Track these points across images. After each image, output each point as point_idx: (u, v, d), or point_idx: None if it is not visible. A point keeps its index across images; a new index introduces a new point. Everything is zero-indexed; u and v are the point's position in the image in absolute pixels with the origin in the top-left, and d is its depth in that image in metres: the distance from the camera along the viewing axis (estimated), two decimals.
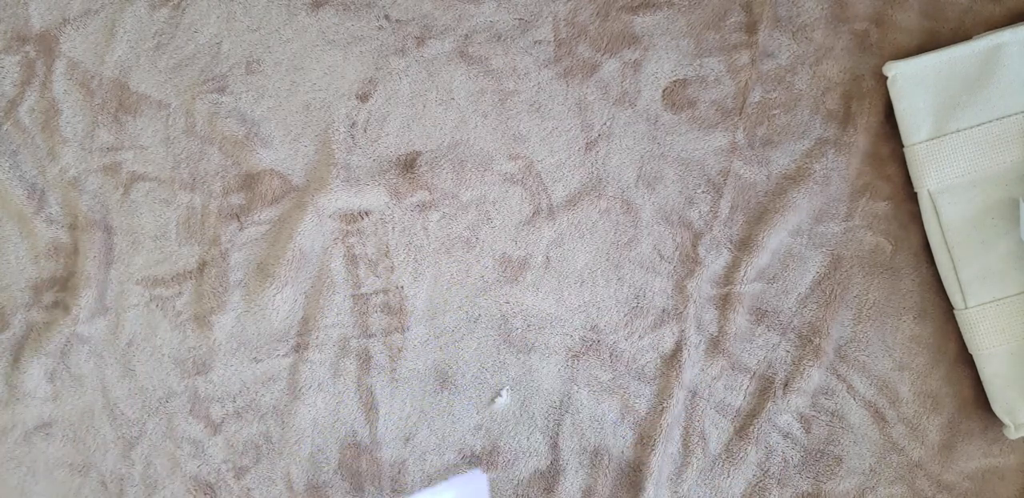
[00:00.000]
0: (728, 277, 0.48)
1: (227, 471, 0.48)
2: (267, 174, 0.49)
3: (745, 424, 0.48)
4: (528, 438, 0.47)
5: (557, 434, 0.47)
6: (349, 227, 0.49)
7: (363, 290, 0.49)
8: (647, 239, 0.48)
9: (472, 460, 0.46)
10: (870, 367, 0.48)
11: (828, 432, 0.48)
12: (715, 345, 0.48)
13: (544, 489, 0.47)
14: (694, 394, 0.48)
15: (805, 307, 0.48)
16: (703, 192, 0.48)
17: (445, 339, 0.48)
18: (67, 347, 0.49)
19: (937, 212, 0.46)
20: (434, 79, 0.49)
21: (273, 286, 0.49)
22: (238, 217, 0.49)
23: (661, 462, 0.48)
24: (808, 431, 0.48)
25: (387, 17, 0.49)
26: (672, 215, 0.48)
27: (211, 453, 0.49)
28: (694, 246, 0.48)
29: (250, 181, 0.49)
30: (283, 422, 0.49)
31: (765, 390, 0.48)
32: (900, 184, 0.48)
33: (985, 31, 0.46)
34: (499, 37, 0.49)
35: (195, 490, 0.49)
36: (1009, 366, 0.45)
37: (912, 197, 0.47)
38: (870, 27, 0.48)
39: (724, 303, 0.48)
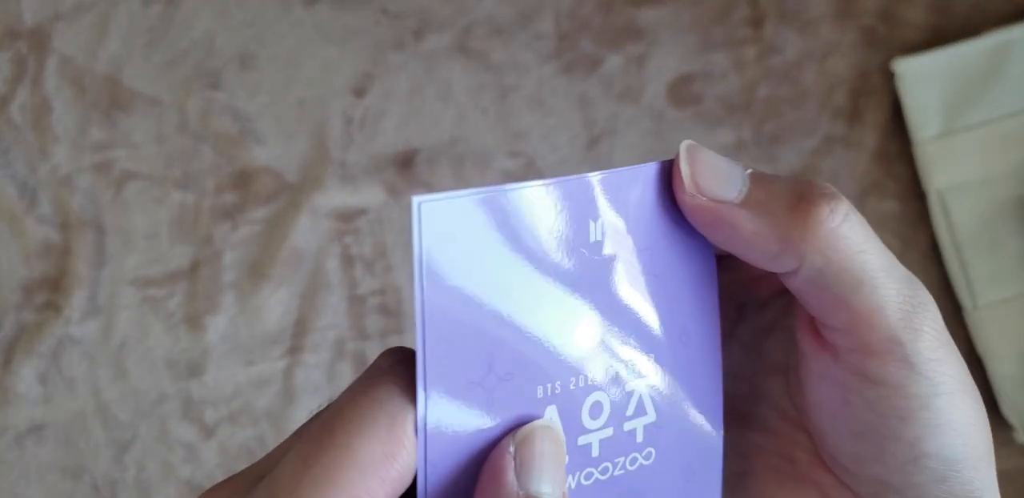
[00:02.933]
0: None
1: (221, 475, 0.49)
2: (261, 172, 0.50)
3: None
4: None
5: None
6: (345, 226, 0.50)
7: (359, 291, 0.50)
8: None
9: None
10: None
11: None
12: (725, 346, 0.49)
13: None
14: None
15: None
16: None
17: None
18: (59, 349, 0.50)
19: (946, 211, 0.47)
20: (432, 74, 0.50)
21: (267, 287, 0.49)
22: (231, 216, 0.50)
23: None
24: None
25: (384, 11, 0.50)
26: None
27: (205, 457, 0.50)
28: None
29: (244, 179, 0.50)
30: (278, 426, 0.49)
31: None
32: (908, 182, 0.49)
33: (994, 27, 0.47)
34: (499, 31, 0.50)
35: (188, 495, 0.49)
36: (1018, 368, 0.47)
37: (921, 196, 0.49)
38: (877, 23, 0.49)
39: None
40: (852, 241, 0.18)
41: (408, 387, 0.17)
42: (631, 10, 0.50)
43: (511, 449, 0.17)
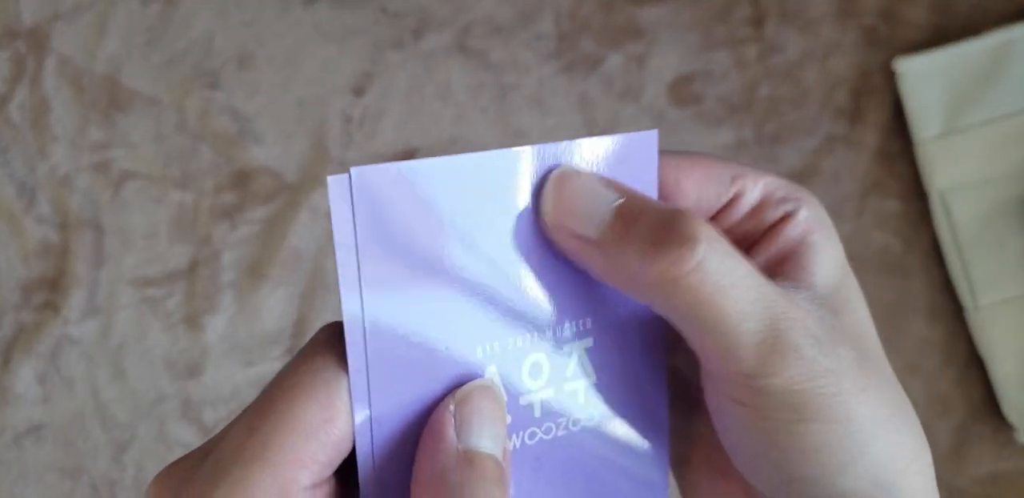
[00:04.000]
0: None
1: None
2: (260, 172, 0.50)
3: None
4: None
5: None
6: None
7: None
8: None
9: None
10: None
11: None
12: None
13: None
14: None
15: None
16: None
17: None
18: (57, 349, 0.50)
19: (948, 211, 0.47)
20: (432, 73, 0.50)
21: (266, 287, 0.50)
22: (230, 216, 0.50)
23: None
24: None
25: (384, 10, 0.50)
26: None
27: None
28: None
29: (242, 179, 0.50)
30: None
31: None
32: (910, 182, 0.49)
33: (995, 26, 0.48)
34: (499, 30, 0.50)
35: None
36: (1020, 368, 0.47)
37: (922, 195, 0.49)
38: (878, 22, 0.49)
39: None
40: (701, 289, 0.18)
41: (343, 357, 0.18)
42: (631, 9, 0.50)
43: (451, 407, 0.18)
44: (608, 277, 0.20)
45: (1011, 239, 0.47)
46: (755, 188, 0.21)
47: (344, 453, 0.18)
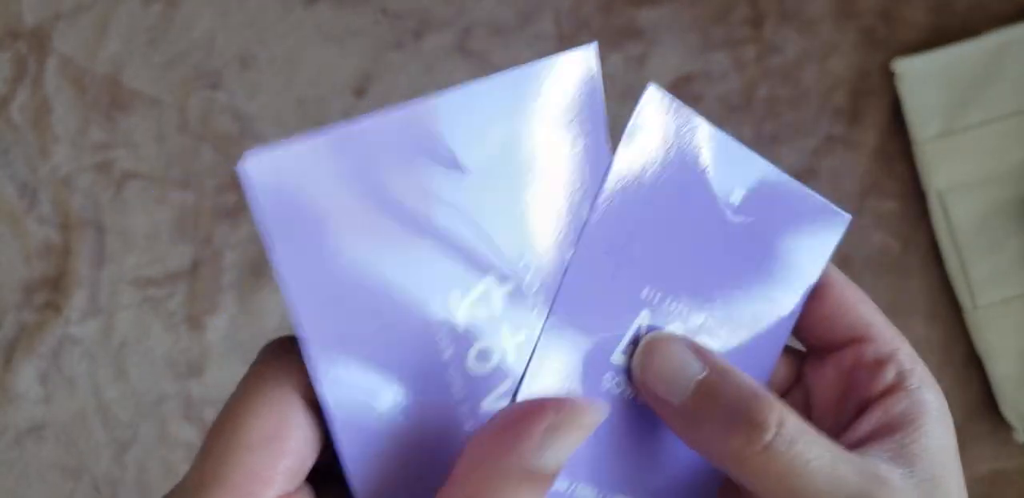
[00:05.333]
0: None
1: None
2: None
3: None
4: None
5: None
6: None
7: None
8: None
9: None
10: None
11: None
12: None
13: None
14: None
15: None
16: None
17: None
18: (59, 348, 0.50)
19: (946, 211, 0.47)
20: (432, 74, 0.50)
21: (267, 287, 0.50)
22: (232, 216, 0.50)
23: None
24: None
25: (384, 11, 0.50)
26: None
27: None
28: None
29: None
30: None
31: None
32: (909, 182, 0.49)
33: (994, 27, 0.48)
34: (499, 31, 0.50)
35: None
36: (1018, 368, 0.47)
37: (921, 195, 0.49)
38: (877, 23, 0.49)
39: None
40: (769, 469, 0.19)
41: (293, 363, 0.17)
42: (631, 10, 0.50)
43: (543, 426, 0.17)
44: (688, 442, 0.21)
45: (1009, 239, 0.47)
46: (887, 343, 0.23)
47: (308, 459, 0.17)
